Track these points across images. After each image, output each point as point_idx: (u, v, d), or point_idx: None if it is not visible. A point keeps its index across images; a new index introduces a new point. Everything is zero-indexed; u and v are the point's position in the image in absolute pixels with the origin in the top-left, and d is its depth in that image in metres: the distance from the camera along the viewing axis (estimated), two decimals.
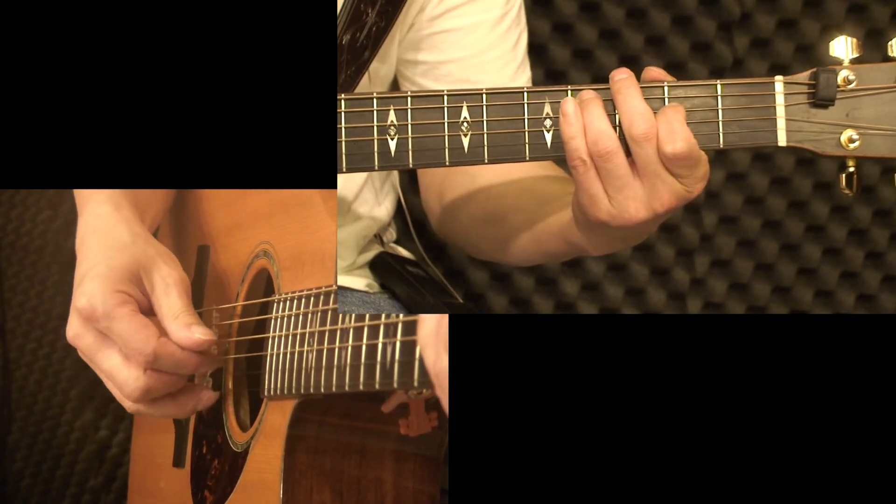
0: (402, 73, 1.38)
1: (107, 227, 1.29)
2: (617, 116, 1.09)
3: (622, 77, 1.09)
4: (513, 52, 1.38)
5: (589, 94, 1.09)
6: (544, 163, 1.33)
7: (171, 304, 1.23)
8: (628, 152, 1.08)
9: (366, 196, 1.43)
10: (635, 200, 1.09)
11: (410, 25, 1.34)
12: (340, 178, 1.36)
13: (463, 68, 1.35)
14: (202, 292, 1.39)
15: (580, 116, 1.09)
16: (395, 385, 1.03)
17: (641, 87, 1.09)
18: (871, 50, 1.12)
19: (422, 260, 1.48)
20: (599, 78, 1.74)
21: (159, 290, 1.24)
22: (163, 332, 1.23)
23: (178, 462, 1.40)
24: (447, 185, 1.40)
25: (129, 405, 1.24)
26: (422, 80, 1.36)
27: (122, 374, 1.21)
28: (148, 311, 1.24)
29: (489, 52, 1.36)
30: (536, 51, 1.79)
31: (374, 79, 1.34)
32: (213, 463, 1.33)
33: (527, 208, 1.29)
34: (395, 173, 1.49)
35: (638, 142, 1.08)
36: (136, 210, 1.33)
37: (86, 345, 1.23)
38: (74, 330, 1.23)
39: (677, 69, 1.79)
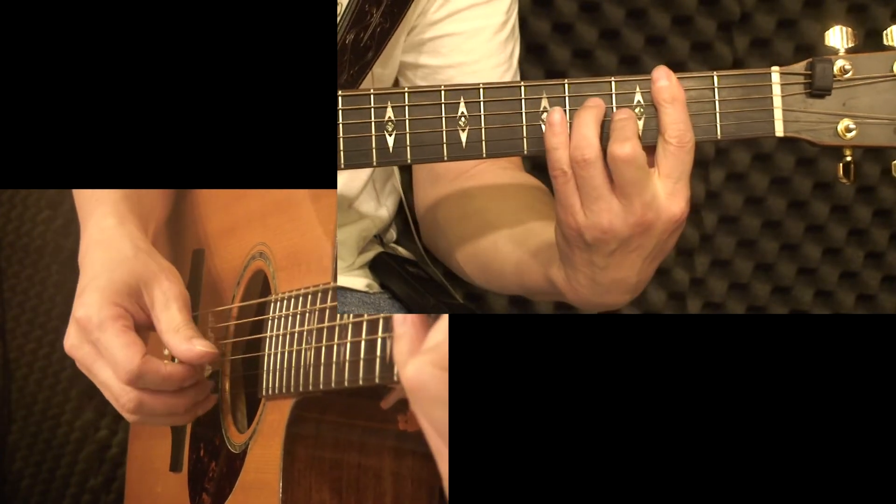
0: (403, 75, 1.38)
1: (110, 241, 1.30)
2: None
3: (624, 116, 1.09)
4: (510, 62, 1.38)
5: (594, 101, 1.10)
6: (543, 193, 1.33)
7: (172, 318, 1.23)
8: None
9: (367, 196, 1.43)
10: (609, 213, 1.08)
11: (412, 28, 1.34)
12: (341, 178, 1.36)
13: (463, 74, 1.34)
14: (198, 296, 1.39)
15: (566, 127, 1.09)
16: (396, 378, 1.02)
17: (641, 80, 1.09)
18: (871, 50, 1.12)
19: (422, 260, 1.48)
20: None
21: (159, 304, 1.24)
22: (161, 347, 1.24)
23: (175, 466, 1.39)
24: (441, 201, 1.40)
25: (127, 416, 1.25)
26: (422, 84, 1.35)
27: (115, 387, 1.22)
28: (145, 325, 1.25)
29: (489, 59, 1.35)
30: (536, 51, 1.79)
31: (378, 83, 1.34)
32: (210, 465, 1.32)
33: (516, 239, 1.27)
34: (397, 173, 1.49)
35: (617, 163, 1.07)
36: (140, 222, 1.33)
37: (82, 355, 1.23)
38: (71, 341, 1.24)
39: (677, 69, 1.78)
